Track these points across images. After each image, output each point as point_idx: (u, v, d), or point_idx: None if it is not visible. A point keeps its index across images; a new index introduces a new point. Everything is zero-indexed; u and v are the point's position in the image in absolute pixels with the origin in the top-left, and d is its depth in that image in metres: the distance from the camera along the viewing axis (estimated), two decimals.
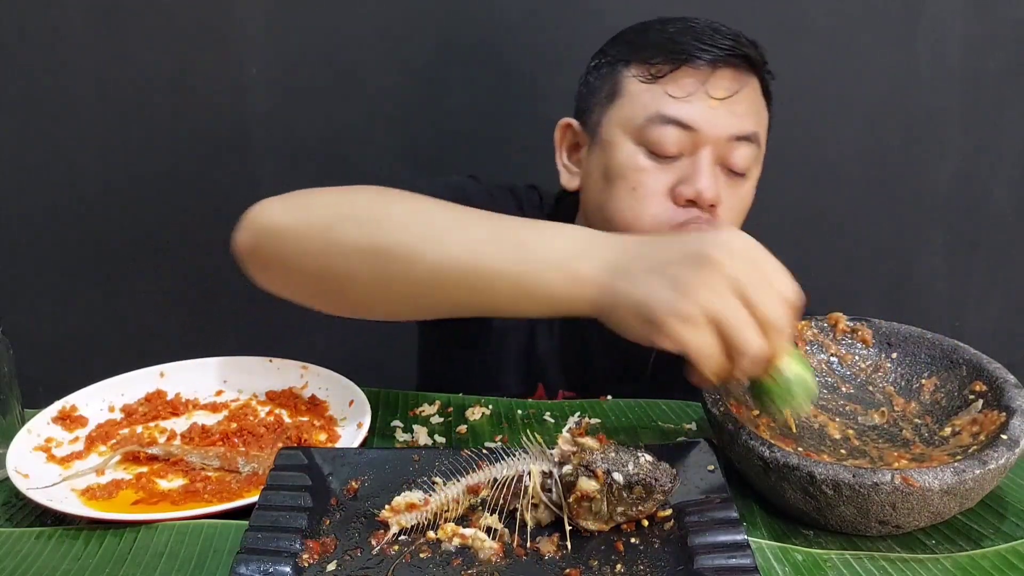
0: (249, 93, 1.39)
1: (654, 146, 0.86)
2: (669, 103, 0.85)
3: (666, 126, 0.85)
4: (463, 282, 0.69)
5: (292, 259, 0.76)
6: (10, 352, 0.77)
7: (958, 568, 0.62)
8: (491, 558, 0.60)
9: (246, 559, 0.57)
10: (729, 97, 0.86)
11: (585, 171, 0.94)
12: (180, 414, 0.85)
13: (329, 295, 0.78)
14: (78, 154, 1.40)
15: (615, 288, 0.63)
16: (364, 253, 0.71)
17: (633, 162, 0.87)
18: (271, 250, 0.77)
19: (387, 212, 0.73)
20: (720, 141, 0.86)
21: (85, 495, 0.70)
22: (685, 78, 0.86)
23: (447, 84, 1.40)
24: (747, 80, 0.88)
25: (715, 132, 0.86)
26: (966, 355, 0.76)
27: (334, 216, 0.74)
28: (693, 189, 0.85)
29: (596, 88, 0.92)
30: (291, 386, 0.89)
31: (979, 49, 1.42)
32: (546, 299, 0.67)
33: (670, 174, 0.86)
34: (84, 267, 1.45)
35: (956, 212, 1.51)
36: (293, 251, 0.75)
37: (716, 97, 0.85)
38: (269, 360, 0.91)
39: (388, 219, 0.72)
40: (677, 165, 0.86)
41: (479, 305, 0.72)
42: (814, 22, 1.40)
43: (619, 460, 0.62)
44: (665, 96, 0.86)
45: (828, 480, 0.62)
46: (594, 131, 0.92)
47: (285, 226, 0.76)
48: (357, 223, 0.73)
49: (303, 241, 0.74)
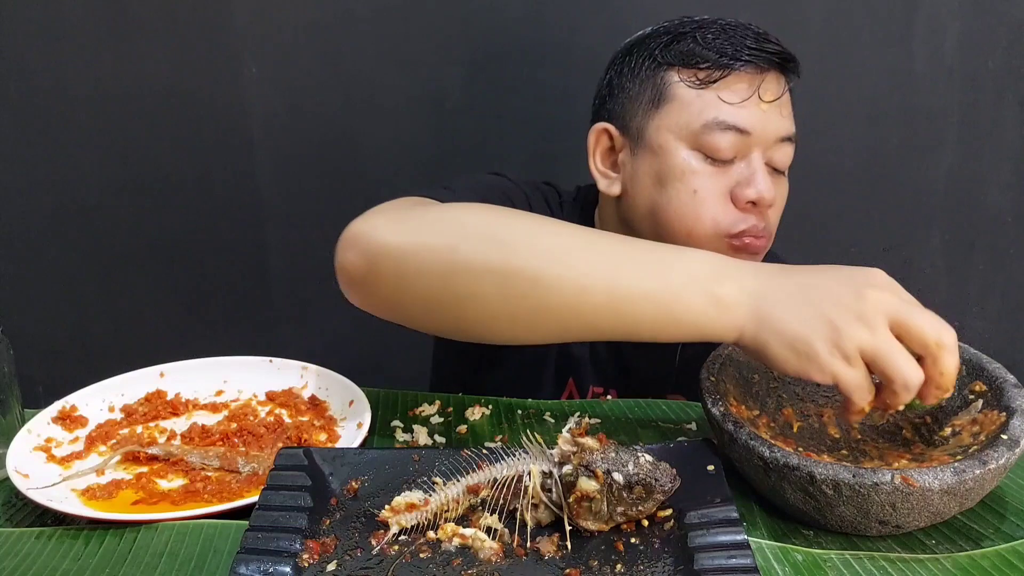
0: (249, 93, 1.39)
1: (711, 151, 0.88)
2: (725, 109, 0.87)
3: (725, 132, 0.87)
4: (604, 306, 0.68)
5: (411, 280, 0.72)
6: (10, 352, 0.77)
7: (958, 568, 0.62)
8: (491, 558, 0.60)
9: (246, 559, 0.57)
10: (777, 99, 0.88)
11: (629, 175, 0.93)
12: (180, 414, 0.85)
13: (448, 318, 0.74)
14: (78, 154, 1.40)
15: (766, 317, 0.64)
16: (494, 275, 0.69)
17: (690, 166, 0.88)
18: (388, 271, 0.73)
19: (511, 232, 0.71)
20: (769, 143, 0.89)
21: (85, 495, 0.71)
22: (738, 83, 0.87)
23: (448, 83, 1.40)
24: (787, 82, 0.91)
25: (766, 135, 0.88)
26: (966, 355, 0.76)
27: (457, 236, 0.71)
28: (755, 191, 0.87)
29: (635, 93, 0.92)
30: (291, 386, 0.89)
31: (976, 49, 1.43)
32: (691, 323, 0.66)
33: (728, 177, 0.88)
34: (84, 267, 1.45)
35: (954, 212, 1.51)
36: (414, 272, 0.72)
37: (766, 100, 0.88)
38: (269, 360, 0.91)
39: (515, 240, 0.70)
40: (734, 168, 0.88)
41: (619, 330, 0.70)
42: (811, 22, 1.40)
43: (619, 460, 0.62)
44: (719, 102, 0.87)
45: (828, 480, 0.62)
46: (638, 136, 0.92)
47: (405, 245, 0.72)
48: (483, 243, 0.70)
49: (426, 262, 0.71)
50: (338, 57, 1.38)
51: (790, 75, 0.91)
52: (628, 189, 0.94)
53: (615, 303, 0.67)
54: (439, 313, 0.74)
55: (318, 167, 1.42)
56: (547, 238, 0.70)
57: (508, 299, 0.69)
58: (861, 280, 0.64)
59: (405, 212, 0.76)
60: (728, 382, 0.76)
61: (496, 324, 0.72)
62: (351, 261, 0.75)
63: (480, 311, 0.71)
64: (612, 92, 0.95)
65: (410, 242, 0.72)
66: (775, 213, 0.92)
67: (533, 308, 0.69)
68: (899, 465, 0.69)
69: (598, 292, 0.67)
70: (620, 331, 0.69)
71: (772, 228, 0.92)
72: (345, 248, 0.75)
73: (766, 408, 0.77)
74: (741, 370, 0.78)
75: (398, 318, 0.77)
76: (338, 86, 1.39)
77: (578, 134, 0.98)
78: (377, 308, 0.77)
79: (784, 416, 0.77)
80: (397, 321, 0.77)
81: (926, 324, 0.61)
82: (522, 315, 0.70)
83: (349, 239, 0.75)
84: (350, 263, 0.75)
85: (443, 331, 0.78)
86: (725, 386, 0.75)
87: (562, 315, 0.69)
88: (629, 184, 0.93)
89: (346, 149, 1.42)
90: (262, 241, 1.46)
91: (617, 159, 0.94)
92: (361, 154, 1.42)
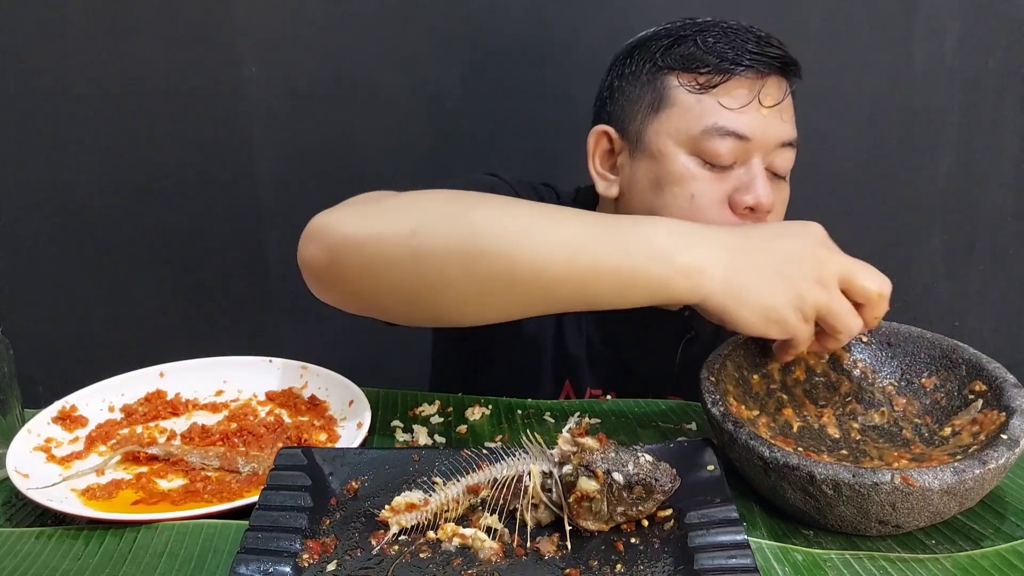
0: (249, 93, 1.39)
1: (711, 157, 0.87)
2: (724, 114, 0.86)
3: (724, 138, 0.86)
4: (567, 278, 0.70)
5: (377, 269, 0.73)
6: (10, 352, 0.77)
7: (958, 568, 0.62)
8: (491, 558, 0.60)
9: (246, 559, 0.57)
10: (777, 104, 0.88)
11: (627, 179, 0.93)
12: (180, 414, 0.85)
13: (417, 304, 0.75)
14: (78, 154, 1.40)
15: (735, 285, 0.68)
16: (458, 256, 0.70)
17: (689, 172, 0.88)
18: (351, 262, 0.74)
19: (474, 213, 0.72)
20: (769, 148, 0.88)
21: (85, 495, 0.71)
22: (738, 88, 0.86)
23: (447, 83, 1.40)
24: (789, 86, 0.90)
25: (766, 140, 0.87)
26: (966, 355, 0.76)
27: (417, 221, 0.72)
28: (753, 197, 0.86)
29: (635, 96, 0.92)
30: (291, 386, 0.89)
31: (976, 49, 1.43)
32: (655, 290, 0.69)
33: (727, 183, 0.88)
34: (84, 267, 1.45)
35: (954, 212, 1.51)
36: (378, 260, 0.72)
37: (767, 106, 0.87)
38: (269, 360, 0.91)
39: (478, 220, 0.71)
40: (733, 174, 0.88)
41: (582, 300, 0.72)
42: (811, 22, 1.40)
43: (619, 460, 0.62)
44: (719, 107, 0.86)
45: (828, 480, 0.62)
46: (637, 140, 0.91)
47: (366, 235, 0.73)
48: (446, 226, 0.71)
49: (388, 249, 0.72)
50: (338, 57, 1.38)
51: (792, 79, 0.91)
52: (625, 192, 0.94)
53: (579, 277, 0.69)
54: (406, 299, 0.75)
55: (318, 167, 1.42)
56: (509, 217, 0.72)
57: (474, 279, 0.71)
58: (811, 242, 0.71)
59: (367, 204, 0.77)
60: (728, 382, 0.76)
61: (464, 305, 0.73)
62: (312, 254, 0.76)
63: (447, 293, 0.72)
64: (612, 95, 0.94)
65: (371, 231, 0.73)
66: (775, 219, 0.90)
67: (500, 286, 0.71)
68: (899, 465, 0.69)
69: (561, 267, 0.69)
70: (584, 303, 0.72)
71: None
72: (307, 242, 0.76)
73: (766, 408, 0.77)
74: (741, 370, 0.78)
75: (364, 309, 0.78)
76: (338, 86, 1.39)
77: (578, 135, 0.98)
78: (343, 301, 0.78)
79: (784, 416, 0.77)
80: (363, 313, 0.78)
81: (870, 280, 0.70)
82: (489, 294, 0.72)
83: (310, 233, 0.76)
84: (312, 256, 0.76)
85: (413, 318, 0.78)
86: (725, 386, 0.75)
87: (529, 290, 0.71)
88: (627, 187, 0.93)
89: (346, 149, 1.42)
90: (262, 241, 1.46)
91: (616, 161, 0.94)
92: (361, 154, 1.42)
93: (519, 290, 0.71)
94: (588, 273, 0.69)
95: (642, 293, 0.70)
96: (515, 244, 0.69)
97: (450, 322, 0.78)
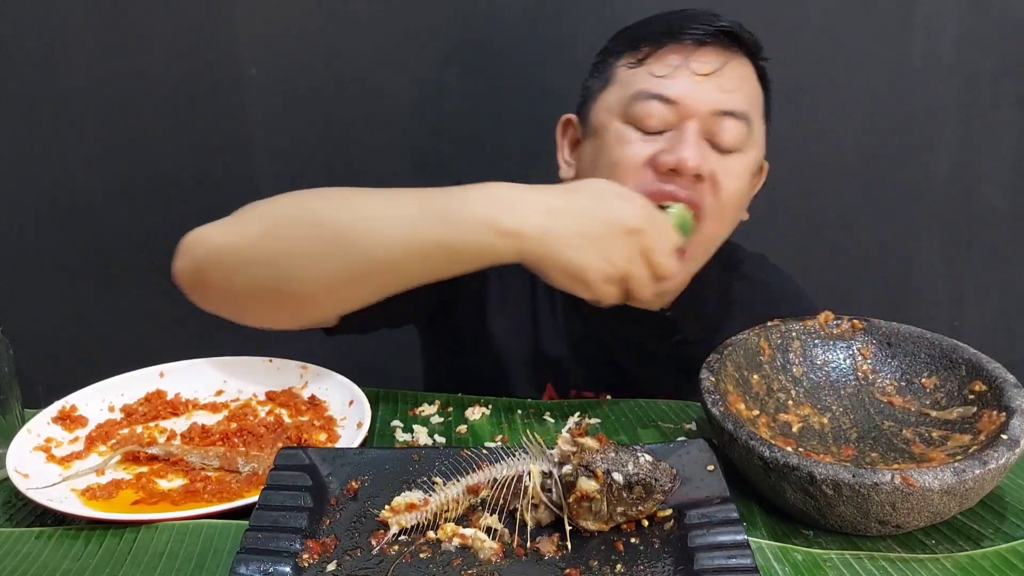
0: (249, 93, 1.39)
1: (638, 121, 0.87)
2: (653, 81, 0.86)
3: (649, 101, 0.86)
4: (404, 258, 0.76)
5: (237, 274, 0.79)
6: (10, 352, 0.77)
7: (958, 568, 0.62)
8: (491, 558, 0.60)
9: (246, 559, 0.57)
10: (714, 72, 0.86)
11: (579, 161, 0.95)
12: (180, 414, 0.85)
13: (278, 303, 0.81)
14: (78, 154, 1.40)
15: (548, 246, 0.74)
16: (302, 250, 0.77)
17: (618, 136, 0.88)
18: (214, 271, 0.80)
19: (315, 207, 0.79)
20: (705, 115, 0.86)
21: (85, 495, 0.71)
22: (670, 56, 0.87)
23: (447, 83, 1.40)
24: (735, 59, 0.88)
25: (699, 106, 0.85)
26: (966, 355, 0.76)
27: (269, 224, 0.79)
28: (675, 158, 0.84)
29: (592, 85, 0.94)
30: (291, 386, 0.89)
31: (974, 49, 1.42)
32: (479, 255, 0.75)
33: (653, 146, 0.86)
34: (84, 267, 1.45)
35: (952, 211, 1.51)
36: (236, 266, 0.79)
37: (700, 72, 0.86)
38: (269, 360, 0.91)
39: (318, 213, 0.78)
40: (662, 138, 0.86)
41: (422, 275, 0.78)
42: (808, 21, 1.40)
43: (619, 460, 0.62)
44: (649, 76, 0.87)
45: (828, 480, 0.62)
46: (588, 123, 0.93)
47: (222, 244, 0.80)
48: (291, 224, 0.78)
49: (244, 253, 0.79)
50: (338, 57, 1.38)
51: (738, 53, 0.88)
52: (579, 174, 0.95)
53: (416, 253, 0.75)
54: (267, 301, 0.80)
55: (317, 167, 1.42)
56: (346, 206, 0.78)
57: (321, 269, 0.77)
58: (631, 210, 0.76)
59: (234, 215, 0.82)
60: (728, 382, 0.76)
61: (320, 298, 0.80)
62: (181, 267, 0.83)
63: (300, 287, 0.78)
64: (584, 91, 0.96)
65: (228, 240, 0.80)
66: (722, 192, 0.87)
67: (344, 273, 0.77)
68: (899, 465, 0.69)
69: (397, 246, 0.75)
70: (430, 275, 0.78)
71: (714, 208, 0.87)
72: (177, 257, 0.83)
73: (766, 408, 0.77)
74: (741, 370, 0.78)
75: (236, 316, 0.83)
76: (338, 86, 1.39)
77: None
78: (217, 309, 0.84)
79: (784, 416, 0.77)
80: (238, 319, 0.83)
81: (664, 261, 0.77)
82: (337, 282, 0.78)
83: (180, 249, 0.83)
84: (180, 269, 0.83)
85: (282, 320, 0.83)
86: (725, 386, 0.75)
87: (377, 271, 0.77)
88: (579, 169, 0.95)
89: (345, 149, 1.42)
90: None
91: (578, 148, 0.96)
92: (360, 154, 1.42)
93: (363, 273, 0.77)
94: (422, 249, 0.75)
95: (472, 259, 0.76)
96: (352, 230, 0.76)
97: (313, 318, 0.83)
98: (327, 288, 0.78)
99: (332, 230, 0.76)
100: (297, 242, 0.77)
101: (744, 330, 0.81)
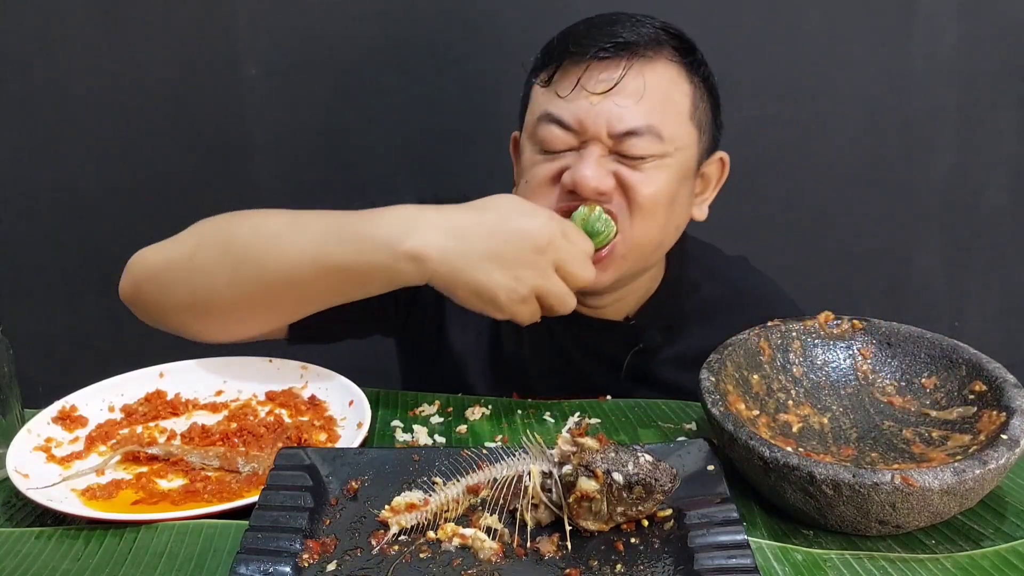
0: (249, 93, 1.39)
1: (543, 144, 0.86)
2: (555, 103, 0.85)
3: (550, 125, 0.86)
4: (312, 278, 0.78)
5: (167, 292, 0.84)
6: (10, 352, 0.77)
7: (958, 568, 0.62)
8: (491, 558, 0.60)
9: (246, 559, 0.57)
10: (609, 90, 0.83)
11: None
12: (180, 414, 0.85)
13: (204, 319, 0.84)
14: (78, 154, 1.40)
15: (455, 268, 0.75)
16: (222, 269, 0.80)
17: (531, 160, 0.88)
18: (150, 289, 0.85)
19: (237, 230, 0.82)
20: (603, 137, 0.84)
21: (85, 495, 0.71)
22: (568, 76, 0.85)
23: (445, 84, 1.40)
24: (635, 69, 0.84)
25: (596, 129, 0.84)
26: (966, 355, 0.76)
27: (195, 245, 0.83)
28: (570, 178, 0.84)
29: (522, 101, 0.94)
30: (291, 386, 0.89)
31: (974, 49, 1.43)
32: (387, 279, 0.77)
33: (559, 163, 0.86)
34: (84, 267, 1.45)
35: (952, 212, 1.51)
36: (167, 284, 0.84)
37: (594, 92, 0.83)
38: (269, 360, 0.91)
39: (237, 235, 0.81)
40: (568, 155, 0.85)
41: (331, 296, 0.81)
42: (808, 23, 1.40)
43: (619, 460, 0.62)
44: (554, 96, 0.86)
45: (828, 480, 0.62)
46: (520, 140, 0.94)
47: (156, 264, 0.85)
48: (212, 245, 0.82)
49: (172, 273, 0.83)
50: (338, 58, 1.38)
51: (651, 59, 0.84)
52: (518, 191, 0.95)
53: (325, 276, 0.78)
54: (197, 315, 0.84)
55: (317, 167, 1.42)
56: (262, 228, 0.81)
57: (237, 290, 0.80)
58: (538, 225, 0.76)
59: (177, 235, 0.86)
60: (728, 382, 0.76)
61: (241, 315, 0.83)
62: (123, 286, 0.87)
63: (223, 305, 0.82)
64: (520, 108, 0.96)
65: (163, 260, 0.84)
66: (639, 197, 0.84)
67: (261, 292, 0.80)
68: (899, 465, 0.69)
69: (307, 269, 0.78)
70: (340, 297, 0.80)
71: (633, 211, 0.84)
72: (122, 277, 0.87)
73: (766, 408, 0.77)
74: (741, 370, 0.78)
75: (175, 329, 0.87)
76: (337, 87, 1.39)
77: None
78: (159, 323, 0.88)
79: (784, 416, 0.77)
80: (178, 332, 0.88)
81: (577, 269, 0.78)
82: (255, 302, 0.81)
83: (126, 269, 0.87)
84: (122, 288, 0.88)
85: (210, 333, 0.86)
86: (725, 386, 0.75)
87: (285, 290, 0.80)
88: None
89: (345, 150, 1.42)
90: None
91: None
92: (360, 155, 1.42)
93: (274, 291, 0.79)
94: (331, 272, 0.77)
95: (380, 282, 0.78)
96: (265, 252, 0.79)
97: (240, 332, 0.86)
98: (247, 304, 0.82)
99: (241, 248, 0.80)
100: (213, 260, 0.81)
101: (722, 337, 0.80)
